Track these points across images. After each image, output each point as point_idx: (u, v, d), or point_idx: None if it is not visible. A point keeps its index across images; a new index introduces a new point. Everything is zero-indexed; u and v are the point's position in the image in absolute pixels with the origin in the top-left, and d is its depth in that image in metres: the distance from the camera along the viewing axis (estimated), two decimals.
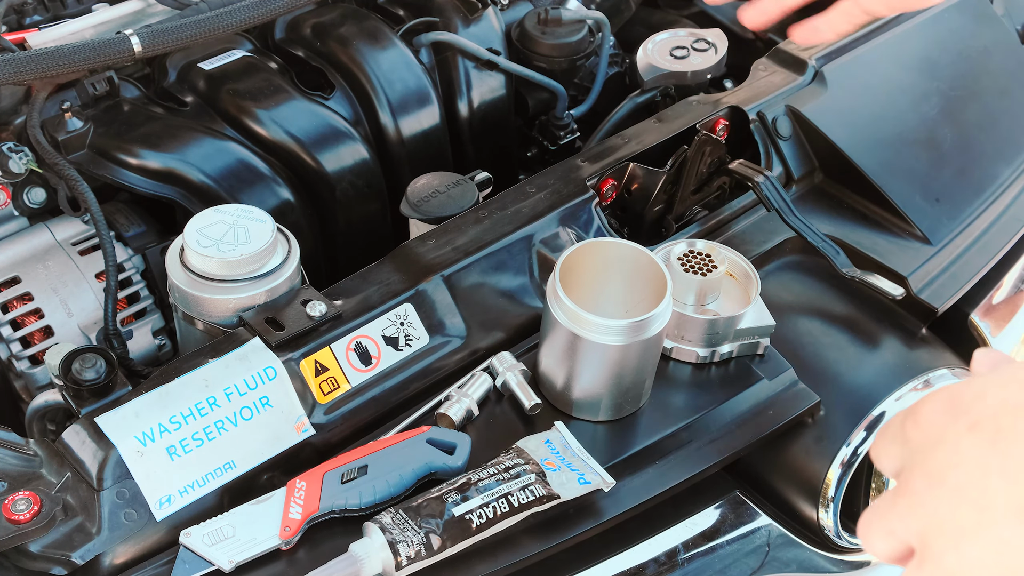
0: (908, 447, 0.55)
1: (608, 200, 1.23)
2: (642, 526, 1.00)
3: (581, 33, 1.52)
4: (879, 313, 1.17)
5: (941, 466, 0.52)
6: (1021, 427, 0.49)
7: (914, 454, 0.54)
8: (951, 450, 0.51)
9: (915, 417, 0.55)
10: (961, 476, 0.51)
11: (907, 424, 0.56)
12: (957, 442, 0.51)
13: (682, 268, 1.07)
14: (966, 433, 0.51)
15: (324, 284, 1.09)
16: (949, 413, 0.53)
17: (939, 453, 0.52)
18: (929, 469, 0.52)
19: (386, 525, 0.88)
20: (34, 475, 0.91)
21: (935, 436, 0.53)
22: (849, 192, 1.31)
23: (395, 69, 1.39)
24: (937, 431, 0.53)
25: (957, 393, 0.54)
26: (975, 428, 0.51)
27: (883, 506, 0.55)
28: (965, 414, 0.52)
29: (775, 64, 1.40)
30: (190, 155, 1.24)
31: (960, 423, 0.52)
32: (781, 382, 1.07)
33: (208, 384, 0.94)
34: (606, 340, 0.95)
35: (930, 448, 0.53)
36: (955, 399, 0.53)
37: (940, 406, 0.54)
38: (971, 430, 0.51)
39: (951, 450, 0.51)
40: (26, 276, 1.17)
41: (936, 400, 0.54)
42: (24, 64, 1.13)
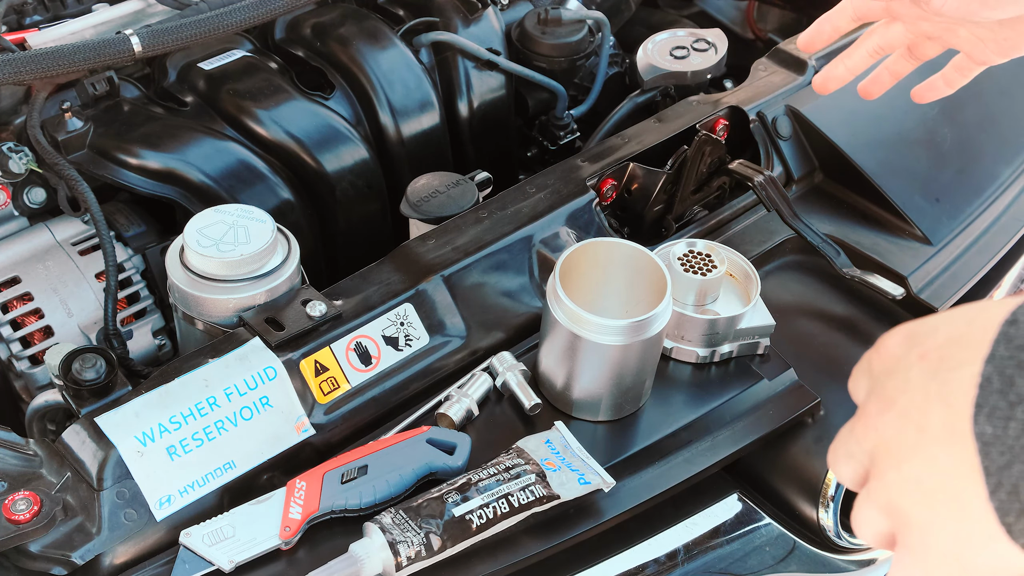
0: (871, 376, 0.58)
1: (608, 200, 1.23)
2: (642, 526, 1.00)
3: (581, 33, 1.52)
4: (879, 313, 1.17)
5: (892, 392, 0.55)
6: (960, 356, 0.51)
7: (874, 382, 0.58)
8: (902, 377, 0.55)
9: (878, 348, 0.59)
10: (907, 400, 0.54)
11: (872, 355, 0.59)
12: (908, 370, 0.55)
13: (682, 268, 1.07)
14: (916, 362, 0.54)
15: (324, 284, 1.09)
16: (905, 344, 0.57)
17: (892, 380, 0.56)
18: (882, 394, 0.56)
19: (386, 525, 0.88)
20: (34, 475, 0.91)
21: (891, 365, 0.57)
22: (849, 192, 1.31)
23: (395, 69, 1.39)
24: (893, 361, 0.57)
25: (915, 327, 0.57)
26: (923, 357, 0.54)
27: (844, 432, 0.59)
28: (918, 345, 0.55)
29: (775, 64, 1.40)
30: (190, 155, 1.24)
31: (912, 353, 0.55)
32: (781, 382, 1.07)
33: (208, 384, 0.94)
34: (606, 340, 0.95)
35: (886, 376, 0.57)
36: (913, 332, 0.57)
37: (899, 338, 0.58)
38: (920, 359, 0.54)
39: (902, 377, 0.55)
40: (26, 276, 1.17)
41: (897, 333, 0.58)
42: (24, 64, 1.13)
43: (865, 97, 1.16)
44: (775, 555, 1.05)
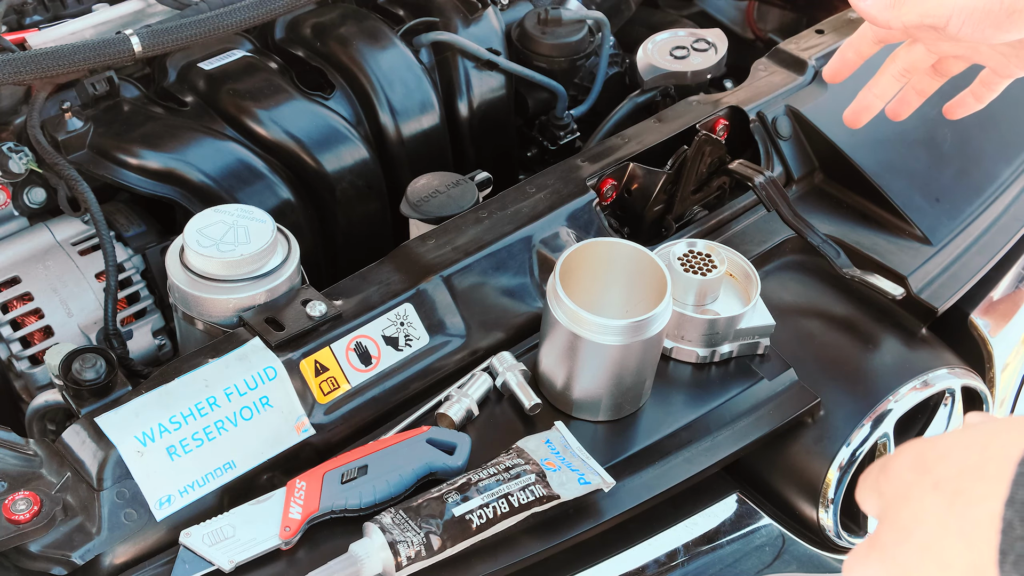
0: (882, 498, 0.58)
1: (608, 200, 1.23)
2: (642, 526, 1.00)
3: (581, 33, 1.52)
4: (879, 313, 1.17)
5: (907, 522, 0.55)
6: (977, 490, 0.51)
7: (886, 506, 0.58)
8: (916, 507, 0.54)
9: (887, 470, 0.59)
10: (924, 534, 0.53)
11: (880, 477, 0.59)
12: (922, 499, 0.54)
13: (682, 268, 1.07)
14: (930, 491, 0.54)
15: (324, 284, 1.09)
16: (916, 470, 0.56)
17: (906, 509, 0.55)
18: (897, 524, 0.56)
19: (386, 525, 0.88)
20: (34, 475, 0.91)
21: (903, 492, 0.56)
22: (849, 192, 1.31)
23: (395, 69, 1.39)
24: (905, 487, 0.56)
25: (924, 451, 0.57)
26: (937, 487, 0.54)
27: (861, 554, 0.59)
28: (929, 472, 0.55)
29: (775, 64, 1.40)
30: (190, 155, 1.24)
31: (925, 481, 0.55)
32: (781, 382, 1.07)
33: (208, 384, 0.94)
34: (606, 340, 0.95)
35: (899, 503, 0.56)
36: (922, 457, 0.56)
37: (909, 462, 0.57)
38: (934, 489, 0.54)
39: (916, 507, 0.54)
40: (26, 276, 1.17)
41: (906, 456, 0.58)
42: (24, 64, 1.13)
43: (894, 119, 1.15)
44: (775, 555, 1.05)
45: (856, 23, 1.44)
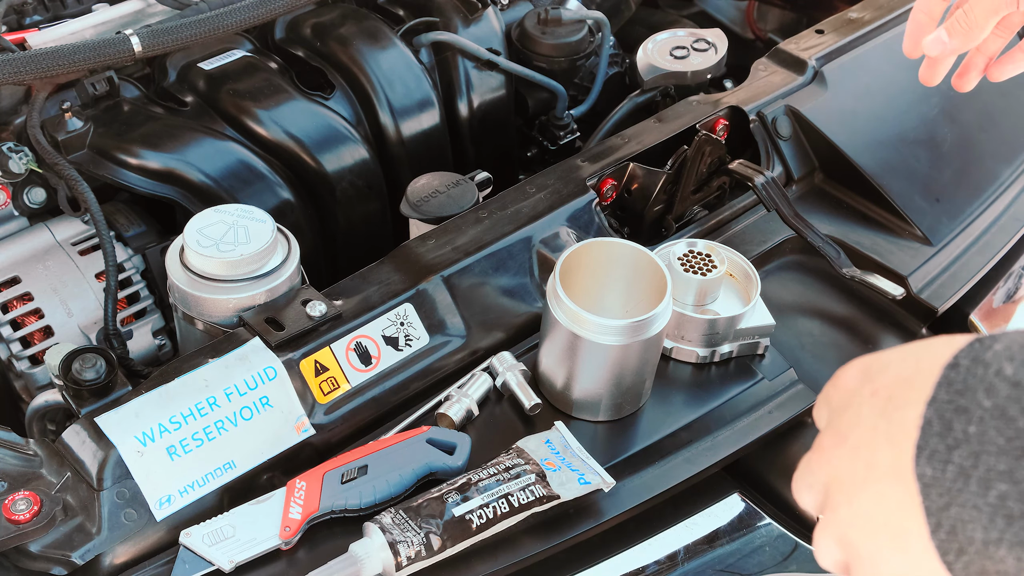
0: (829, 406, 0.61)
1: (608, 200, 1.23)
2: (642, 526, 1.00)
3: (581, 33, 1.52)
4: (879, 313, 1.17)
5: (845, 426, 0.57)
6: (906, 396, 0.53)
7: (831, 414, 0.60)
8: (855, 412, 0.57)
9: (835, 381, 0.61)
10: (857, 436, 0.56)
11: (829, 387, 0.62)
12: (860, 406, 0.57)
13: (682, 268, 1.07)
14: (868, 398, 0.56)
15: (324, 284, 1.09)
16: (859, 379, 0.59)
17: (846, 414, 0.58)
18: (837, 428, 0.58)
19: (386, 525, 0.88)
20: (34, 475, 0.91)
21: (846, 399, 0.59)
22: (849, 192, 1.31)
23: (395, 69, 1.39)
24: (848, 395, 0.59)
25: (870, 361, 0.59)
26: (875, 394, 0.56)
27: (804, 462, 0.61)
28: (870, 381, 0.57)
29: (775, 64, 1.40)
30: (190, 155, 1.24)
31: (865, 388, 0.57)
32: (781, 382, 1.07)
33: (208, 384, 0.94)
34: (606, 340, 0.95)
35: (841, 409, 0.59)
36: (867, 367, 0.59)
37: (855, 372, 0.60)
38: (872, 395, 0.56)
39: (855, 412, 0.57)
40: (26, 276, 1.17)
41: (854, 366, 0.60)
42: (24, 64, 1.13)
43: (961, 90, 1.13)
44: (775, 555, 1.05)
45: (856, 23, 1.45)
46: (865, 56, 1.41)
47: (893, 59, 1.42)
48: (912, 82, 1.40)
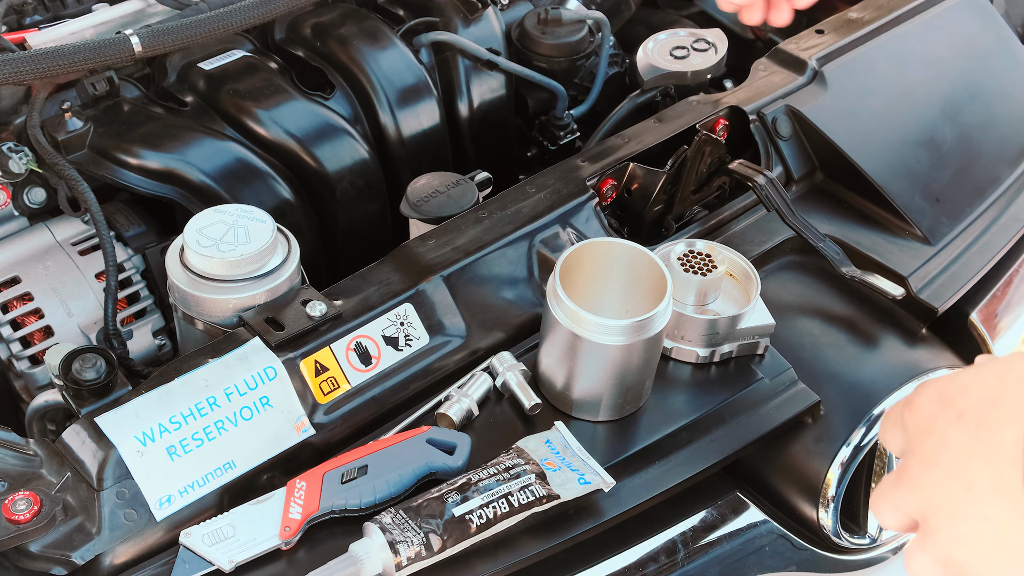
0: (907, 432, 0.62)
1: (608, 200, 1.23)
2: (642, 526, 1.00)
3: (581, 33, 1.52)
4: (879, 313, 1.17)
5: (933, 451, 0.59)
6: (997, 417, 0.55)
7: (911, 439, 0.61)
8: (941, 437, 0.59)
9: (911, 406, 0.62)
10: (950, 460, 0.58)
11: (905, 412, 0.63)
12: (946, 430, 0.58)
13: (682, 268, 1.07)
14: (954, 422, 0.58)
15: (324, 284, 1.09)
16: (938, 404, 0.60)
17: (931, 440, 0.59)
18: (923, 454, 0.60)
19: (386, 525, 0.88)
20: (34, 475, 0.91)
21: (927, 424, 0.60)
22: (849, 192, 1.31)
23: (395, 69, 1.39)
24: (929, 420, 0.60)
25: (945, 386, 0.61)
26: (961, 418, 0.58)
27: (888, 486, 0.62)
28: (952, 405, 0.59)
29: (775, 64, 1.40)
30: (190, 155, 1.24)
31: (948, 413, 0.59)
32: (781, 382, 1.07)
33: (208, 384, 0.94)
34: (606, 340, 0.95)
35: (924, 435, 0.60)
36: (944, 391, 0.61)
37: (931, 396, 0.61)
38: (958, 420, 0.58)
39: (941, 437, 0.59)
40: (26, 276, 1.17)
41: (928, 391, 0.62)
42: (24, 64, 1.13)
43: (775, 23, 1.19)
44: (775, 555, 1.05)
45: (856, 23, 1.45)
46: (865, 56, 1.41)
47: (893, 59, 1.42)
48: (912, 82, 1.40)
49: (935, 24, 1.48)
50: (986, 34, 1.51)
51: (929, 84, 1.41)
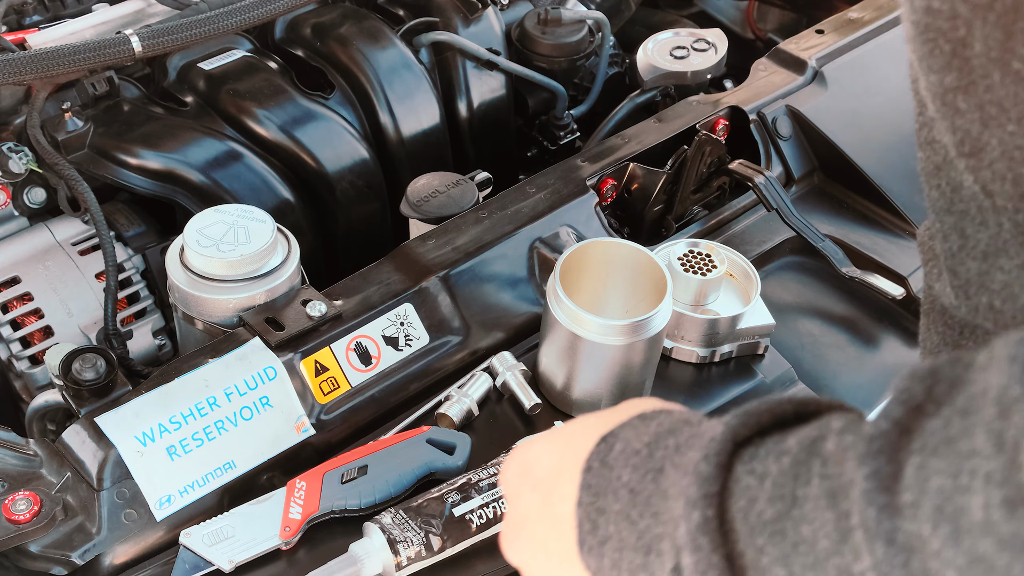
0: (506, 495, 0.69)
1: (608, 200, 1.23)
2: None
3: (581, 33, 1.52)
4: (879, 313, 1.17)
5: (519, 517, 0.66)
6: (560, 491, 0.61)
7: (508, 502, 0.68)
8: (524, 505, 0.65)
9: (503, 475, 0.70)
10: (530, 527, 0.64)
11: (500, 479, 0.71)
12: (527, 499, 0.65)
13: (682, 268, 1.07)
14: (531, 492, 0.64)
15: (324, 284, 1.09)
16: (520, 474, 0.67)
17: (518, 506, 0.66)
18: (514, 518, 0.67)
19: (386, 525, 0.88)
20: (34, 475, 0.91)
21: (514, 492, 0.67)
22: (849, 192, 1.31)
23: (395, 69, 1.39)
24: (514, 488, 0.67)
25: (525, 455, 0.67)
26: (536, 488, 0.64)
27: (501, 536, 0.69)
28: (529, 475, 0.65)
29: (775, 64, 1.40)
30: (190, 155, 1.24)
31: (526, 483, 0.65)
32: (781, 382, 1.07)
33: (208, 384, 0.94)
34: (606, 340, 0.95)
35: (512, 501, 0.67)
36: (524, 460, 0.67)
37: (515, 467, 0.68)
38: (533, 490, 0.64)
39: (524, 505, 0.65)
40: (26, 276, 1.17)
41: (513, 461, 0.68)
42: (24, 64, 1.13)
43: None
44: None
45: (856, 23, 1.45)
46: (865, 56, 1.41)
47: (893, 59, 1.42)
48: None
49: None
50: None
51: None
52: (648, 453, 0.56)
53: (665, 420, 0.58)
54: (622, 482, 0.57)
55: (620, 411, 0.62)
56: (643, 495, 0.55)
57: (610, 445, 0.59)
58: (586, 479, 0.59)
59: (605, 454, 0.59)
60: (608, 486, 0.57)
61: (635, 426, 0.59)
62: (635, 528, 0.55)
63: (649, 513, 0.54)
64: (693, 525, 0.51)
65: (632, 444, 0.58)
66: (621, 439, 0.59)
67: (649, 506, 0.55)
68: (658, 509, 0.54)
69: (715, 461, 0.51)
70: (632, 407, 0.61)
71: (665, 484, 0.54)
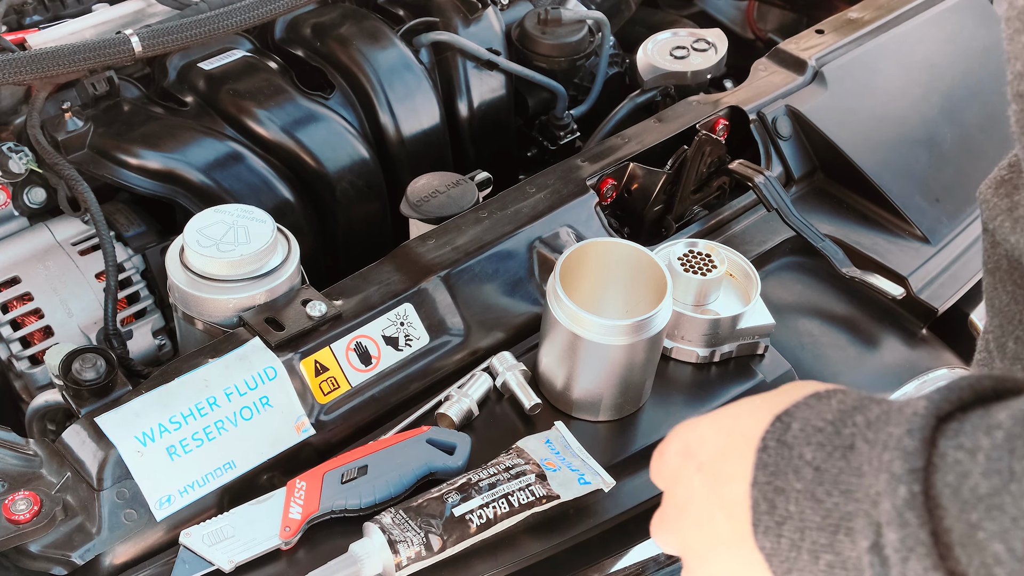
0: (662, 479, 0.68)
1: (608, 200, 1.23)
2: (642, 526, 0.99)
3: (581, 33, 1.52)
4: (879, 313, 1.17)
5: (682, 499, 0.65)
6: (729, 472, 0.60)
7: (666, 485, 0.68)
8: (686, 487, 0.64)
9: (662, 456, 0.68)
10: (696, 509, 0.63)
11: (658, 463, 0.69)
12: (690, 481, 0.64)
13: (682, 268, 1.07)
14: (696, 473, 0.63)
15: (324, 284, 1.09)
16: (682, 454, 0.66)
17: (680, 488, 0.65)
18: (675, 502, 0.66)
19: (386, 525, 0.88)
20: (34, 475, 0.91)
21: (675, 474, 0.66)
22: (849, 192, 1.31)
23: (395, 69, 1.39)
24: (676, 470, 0.66)
25: (687, 436, 0.66)
26: (701, 469, 0.63)
27: (656, 521, 0.69)
28: (693, 456, 0.64)
29: (775, 64, 1.40)
30: (190, 155, 1.24)
31: (691, 464, 0.64)
32: (781, 382, 1.07)
33: (208, 384, 0.94)
34: (606, 340, 0.95)
35: (674, 483, 0.66)
36: (687, 442, 0.66)
37: (676, 447, 0.67)
38: (699, 471, 0.63)
39: (686, 487, 0.64)
40: (26, 276, 1.17)
41: (674, 442, 0.67)
42: (24, 64, 1.13)
43: None
44: None
45: (856, 23, 1.45)
46: (865, 56, 1.41)
47: (893, 59, 1.42)
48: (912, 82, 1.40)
49: (935, 24, 1.48)
50: (986, 34, 1.51)
51: (929, 84, 1.41)
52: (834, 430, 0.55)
53: (847, 398, 0.57)
54: (804, 460, 0.55)
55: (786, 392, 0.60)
56: (831, 473, 0.54)
57: (786, 424, 0.57)
58: (761, 458, 0.57)
59: (782, 433, 0.57)
60: (787, 465, 0.56)
61: (811, 405, 0.57)
62: (821, 506, 0.54)
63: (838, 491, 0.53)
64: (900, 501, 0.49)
65: (812, 422, 0.56)
66: (798, 418, 0.57)
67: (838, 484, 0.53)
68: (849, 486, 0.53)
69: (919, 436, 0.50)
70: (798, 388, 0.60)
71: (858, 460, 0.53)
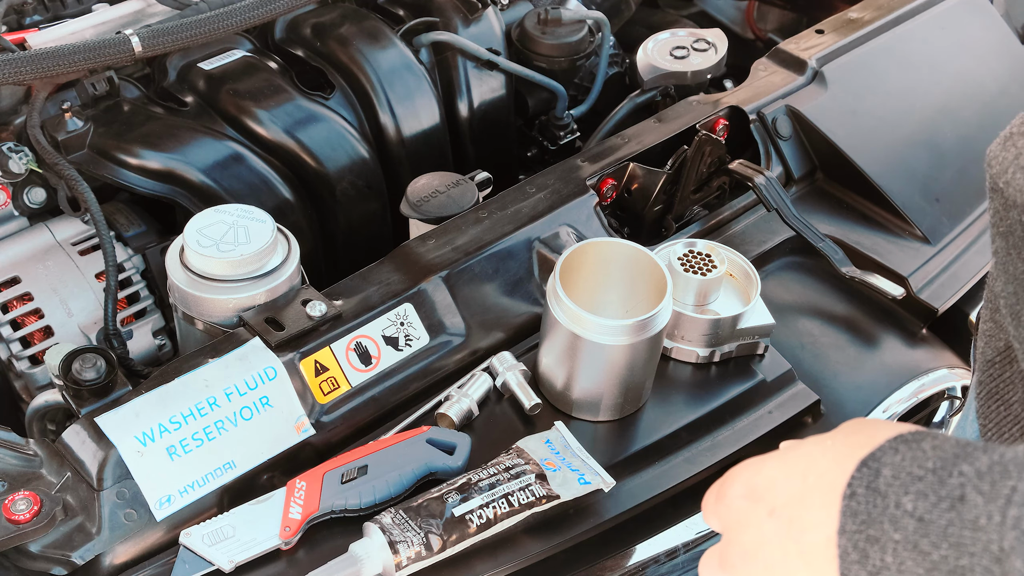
0: (722, 523, 0.65)
1: (608, 200, 1.23)
2: (642, 526, 1.00)
3: (581, 33, 1.52)
4: (879, 313, 1.17)
5: (752, 545, 0.62)
6: (808, 518, 0.58)
7: (728, 530, 0.65)
8: (756, 532, 0.62)
9: (723, 500, 0.66)
10: (768, 555, 0.61)
11: (718, 505, 0.66)
12: (760, 526, 0.61)
13: (682, 268, 1.07)
14: (767, 518, 0.61)
15: (324, 284, 1.09)
16: (749, 498, 0.63)
17: (747, 533, 0.62)
18: (742, 547, 0.63)
19: (386, 525, 0.88)
20: (34, 475, 0.91)
21: (741, 519, 0.63)
22: (849, 192, 1.31)
23: (395, 69, 1.39)
24: (742, 514, 0.63)
25: (753, 479, 0.64)
26: (773, 514, 0.61)
27: (714, 563, 0.66)
28: (762, 500, 0.62)
29: (775, 64, 1.40)
30: (190, 155, 1.24)
31: (760, 508, 0.62)
32: (781, 382, 1.07)
33: (208, 384, 0.94)
34: (606, 340, 0.95)
35: (739, 528, 0.63)
36: (752, 485, 0.63)
37: (741, 491, 0.64)
38: (770, 516, 0.61)
39: (756, 532, 0.62)
40: (26, 276, 1.17)
41: (737, 485, 0.65)
42: (24, 64, 1.13)
43: None
44: None
45: (856, 23, 1.45)
46: (865, 56, 1.41)
47: (893, 59, 1.42)
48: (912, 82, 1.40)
49: (935, 24, 1.48)
50: (986, 34, 1.51)
51: (929, 84, 1.41)
52: (937, 480, 0.53)
53: (941, 443, 0.55)
54: (904, 510, 0.53)
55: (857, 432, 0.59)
56: (938, 524, 0.52)
57: (875, 470, 0.56)
58: (849, 506, 0.56)
59: (871, 479, 0.56)
60: (882, 514, 0.54)
61: (899, 450, 0.56)
62: (926, 559, 0.52)
63: (947, 544, 0.51)
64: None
65: (908, 469, 0.55)
66: (888, 464, 0.56)
67: (947, 536, 0.52)
68: (961, 539, 0.51)
69: None
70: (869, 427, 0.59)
71: (973, 514, 0.51)
